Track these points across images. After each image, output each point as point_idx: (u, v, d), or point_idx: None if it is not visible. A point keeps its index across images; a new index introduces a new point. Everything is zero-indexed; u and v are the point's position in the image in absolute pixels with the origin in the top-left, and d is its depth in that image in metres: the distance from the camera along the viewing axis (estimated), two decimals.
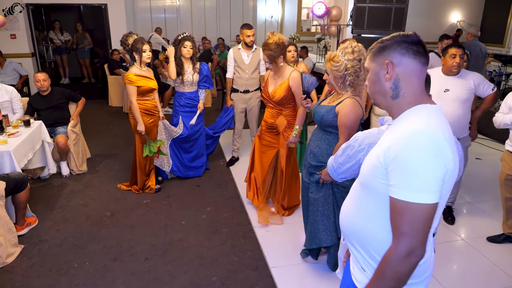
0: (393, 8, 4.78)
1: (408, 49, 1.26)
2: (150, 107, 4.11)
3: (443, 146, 1.16)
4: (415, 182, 1.14)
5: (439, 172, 1.15)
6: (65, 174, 4.64)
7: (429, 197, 1.14)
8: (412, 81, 1.27)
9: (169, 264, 3.09)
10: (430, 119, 1.21)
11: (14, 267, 3.02)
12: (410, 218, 1.15)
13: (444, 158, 1.16)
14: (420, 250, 1.17)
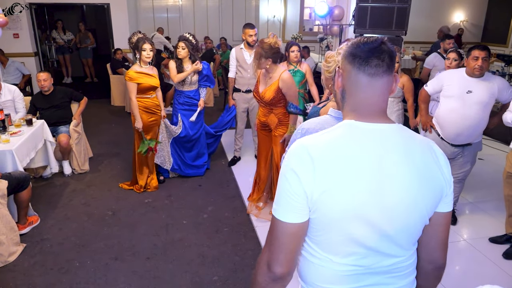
0: (395, 7, 4.76)
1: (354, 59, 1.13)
2: (150, 105, 4.11)
3: (306, 164, 1.07)
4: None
5: (288, 189, 1.09)
6: (67, 173, 4.65)
7: (280, 214, 1.12)
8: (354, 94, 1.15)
9: (170, 263, 3.10)
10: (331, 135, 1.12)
11: (16, 266, 3.03)
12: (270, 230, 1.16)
13: (301, 175, 1.07)
14: (274, 266, 1.13)
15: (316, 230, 1.13)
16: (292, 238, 1.11)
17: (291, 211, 1.09)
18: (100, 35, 11.72)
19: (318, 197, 1.06)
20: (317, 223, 1.11)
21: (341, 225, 1.09)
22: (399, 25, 4.83)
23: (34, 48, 8.37)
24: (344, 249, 1.12)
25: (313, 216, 1.11)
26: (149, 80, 4.02)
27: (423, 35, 10.22)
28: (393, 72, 1.12)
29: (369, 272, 1.14)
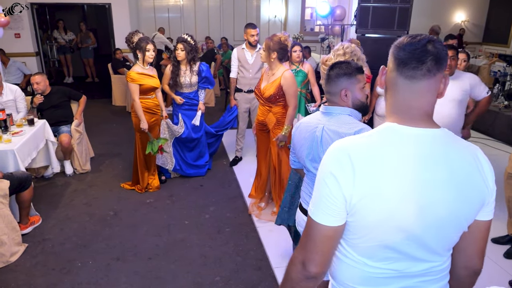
0: (397, 8, 4.76)
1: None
2: (151, 106, 4.11)
3: (346, 168, 1.08)
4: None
5: (327, 192, 1.09)
6: (68, 173, 4.65)
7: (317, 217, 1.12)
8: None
9: (172, 263, 3.09)
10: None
11: (17, 266, 3.03)
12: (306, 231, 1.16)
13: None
14: (309, 266, 1.13)
15: (352, 233, 1.13)
16: (329, 240, 1.12)
17: (329, 214, 1.09)
18: (101, 35, 11.72)
19: (356, 202, 1.06)
20: (353, 226, 1.11)
21: (377, 230, 1.08)
22: (401, 25, 4.82)
23: (35, 48, 8.38)
24: (378, 253, 1.12)
25: (350, 220, 1.10)
26: (151, 81, 4.02)
27: None
28: (438, 74, 1.06)
29: (401, 275, 1.14)
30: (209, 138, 4.80)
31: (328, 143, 1.76)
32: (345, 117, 1.83)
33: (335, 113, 1.85)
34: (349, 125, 1.78)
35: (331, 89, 1.86)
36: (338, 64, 1.86)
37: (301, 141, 1.95)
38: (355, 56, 2.43)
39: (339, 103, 1.86)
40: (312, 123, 1.92)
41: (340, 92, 1.83)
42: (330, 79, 1.86)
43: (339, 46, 2.46)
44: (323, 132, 1.84)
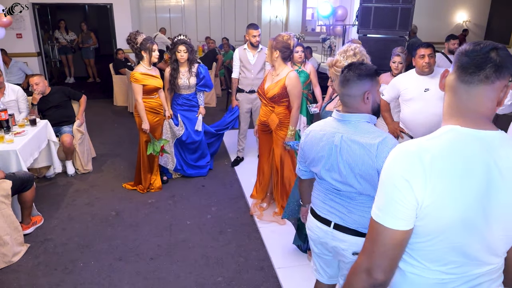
0: (399, 8, 4.75)
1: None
2: (155, 106, 4.11)
3: (418, 171, 1.09)
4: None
5: (398, 196, 1.09)
6: (70, 173, 4.65)
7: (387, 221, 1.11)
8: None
9: (174, 264, 3.09)
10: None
11: (20, 266, 3.03)
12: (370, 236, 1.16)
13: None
14: (376, 273, 1.12)
15: (418, 237, 1.12)
16: (398, 245, 1.11)
17: (400, 218, 1.09)
18: (102, 35, 11.73)
19: (428, 205, 1.06)
20: (421, 230, 1.11)
21: (446, 234, 1.09)
22: (403, 26, 4.82)
23: (37, 48, 8.38)
24: (443, 257, 1.13)
25: (418, 223, 1.10)
26: (154, 81, 4.02)
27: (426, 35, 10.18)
28: (497, 82, 1.07)
29: (459, 278, 1.15)
30: (209, 138, 4.80)
31: (347, 153, 1.71)
32: (364, 124, 1.74)
33: (353, 120, 1.75)
34: (371, 134, 1.70)
35: (351, 91, 1.74)
36: (356, 65, 1.76)
37: (315, 150, 1.85)
38: (364, 57, 2.41)
39: (358, 107, 1.75)
40: (327, 131, 1.81)
41: (363, 95, 1.73)
42: (350, 81, 1.74)
43: (347, 47, 2.44)
44: (341, 141, 1.74)
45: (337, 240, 1.84)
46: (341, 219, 1.82)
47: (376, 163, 1.66)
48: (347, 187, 1.76)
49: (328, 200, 1.87)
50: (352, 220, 1.79)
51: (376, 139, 1.67)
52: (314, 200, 1.97)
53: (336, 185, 1.79)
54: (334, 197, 1.84)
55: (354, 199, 1.78)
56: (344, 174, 1.74)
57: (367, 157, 1.67)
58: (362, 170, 1.70)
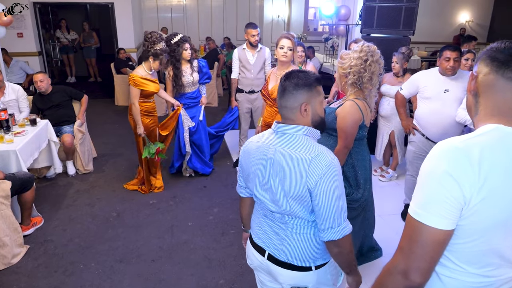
0: (403, 7, 4.70)
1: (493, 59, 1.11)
2: (150, 109, 4.10)
3: (466, 168, 1.04)
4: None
5: (444, 193, 1.05)
6: (71, 174, 4.61)
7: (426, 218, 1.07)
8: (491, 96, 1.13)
9: (175, 266, 3.05)
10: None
11: (19, 268, 3.00)
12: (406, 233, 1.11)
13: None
14: (413, 275, 1.07)
15: (459, 237, 1.08)
16: (439, 245, 1.07)
17: (445, 217, 1.04)
18: (104, 35, 11.70)
19: (475, 204, 1.02)
20: (464, 230, 1.06)
21: (489, 234, 1.05)
22: (407, 25, 4.77)
23: (38, 48, 8.35)
24: (482, 259, 1.08)
25: (462, 223, 1.05)
26: (152, 86, 3.99)
27: (429, 35, 10.15)
28: None
29: (495, 282, 1.11)
30: (210, 139, 4.76)
31: (279, 168, 1.53)
32: (301, 137, 1.55)
33: (289, 132, 1.56)
34: (305, 148, 1.51)
35: (287, 103, 1.56)
36: (294, 73, 1.58)
37: (250, 164, 1.66)
38: (370, 57, 2.35)
39: (296, 119, 1.57)
40: (263, 143, 1.62)
41: (299, 107, 1.54)
42: (286, 91, 1.56)
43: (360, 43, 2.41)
44: (275, 154, 1.56)
45: (273, 273, 1.68)
46: (274, 250, 1.65)
47: (307, 181, 1.46)
48: (278, 207, 1.58)
49: (264, 225, 1.69)
50: (285, 252, 1.61)
51: (310, 154, 1.48)
52: (252, 223, 1.79)
53: (269, 205, 1.61)
54: (269, 221, 1.67)
55: (286, 224, 1.60)
56: (275, 191, 1.56)
57: (298, 173, 1.48)
58: (292, 188, 1.51)
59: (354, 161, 2.52)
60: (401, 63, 4.19)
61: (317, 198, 1.46)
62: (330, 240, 1.50)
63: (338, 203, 1.48)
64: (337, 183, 1.48)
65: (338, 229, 1.49)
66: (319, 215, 1.49)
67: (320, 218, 1.50)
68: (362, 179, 2.54)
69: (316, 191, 1.46)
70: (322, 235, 1.51)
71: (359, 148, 2.54)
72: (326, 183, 1.45)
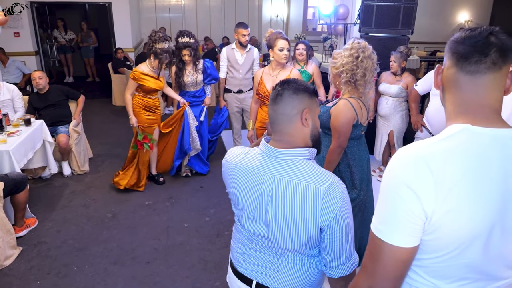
0: (402, 6, 4.66)
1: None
2: (151, 105, 4.10)
3: (425, 178, 0.93)
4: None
5: (403, 208, 0.95)
6: (66, 174, 4.57)
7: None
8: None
9: (171, 268, 3.01)
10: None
11: (12, 270, 2.95)
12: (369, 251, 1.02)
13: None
14: None
15: (426, 252, 0.98)
16: (403, 264, 0.97)
17: (405, 234, 0.94)
18: (102, 35, 11.65)
19: (439, 218, 0.91)
20: (430, 245, 0.96)
21: (459, 249, 0.94)
22: (406, 24, 4.73)
23: (35, 47, 8.30)
24: (455, 274, 0.98)
25: (427, 238, 0.95)
26: (153, 83, 3.99)
27: (427, 35, 10.11)
28: (504, 68, 0.96)
29: None
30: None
31: (283, 204, 1.29)
32: (304, 163, 1.31)
33: (288, 158, 1.32)
34: (313, 177, 1.27)
35: (285, 108, 1.32)
36: (292, 80, 1.39)
37: (235, 192, 1.43)
38: (361, 53, 2.30)
39: (293, 133, 1.34)
40: (254, 168, 1.36)
41: (300, 114, 1.32)
42: (284, 96, 1.33)
43: (350, 41, 2.36)
44: (273, 186, 1.31)
45: None
46: (265, 278, 1.42)
47: (321, 219, 1.25)
48: (274, 244, 1.37)
49: (251, 254, 1.46)
50: (279, 281, 1.40)
51: (321, 185, 1.25)
52: (234, 251, 1.54)
53: (262, 241, 1.40)
54: (258, 250, 1.43)
55: (283, 256, 1.38)
56: (273, 227, 1.32)
57: (307, 211, 1.25)
58: (300, 228, 1.28)
59: (349, 161, 2.48)
60: (399, 62, 4.15)
61: (331, 236, 1.27)
62: (340, 276, 1.34)
63: (351, 237, 1.31)
64: (350, 216, 1.30)
65: (349, 263, 1.33)
66: (331, 253, 1.30)
67: (332, 256, 1.31)
68: (358, 179, 2.49)
69: (330, 230, 1.26)
70: (331, 272, 1.33)
71: (355, 148, 2.50)
72: (342, 220, 1.26)
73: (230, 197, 1.50)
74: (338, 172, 2.50)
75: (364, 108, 2.42)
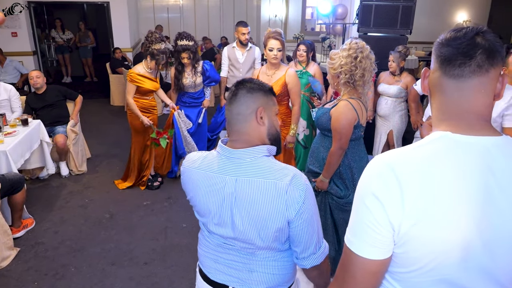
0: (400, 6, 4.65)
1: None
2: (147, 106, 4.08)
3: (392, 188, 0.89)
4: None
5: (369, 218, 0.91)
6: (64, 175, 4.55)
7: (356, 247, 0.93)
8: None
9: (168, 268, 2.99)
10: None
11: (9, 271, 2.93)
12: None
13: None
14: None
15: (400, 265, 0.93)
16: (373, 276, 0.93)
17: (373, 245, 0.90)
18: (100, 35, 11.62)
19: (407, 230, 0.87)
20: (402, 258, 0.92)
21: (433, 263, 0.88)
22: (404, 24, 4.71)
23: (32, 47, 8.27)
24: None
25: (398, 251, 0.91)
26: (150, 84, 3.98)
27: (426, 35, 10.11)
28: (492, 71, 0.89)
29: None
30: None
31: (250, 205, 1.27)
32: (263, 160, 1.30)
33: (248, 157, 1.30)
34: (274, 173, 1.27)
35: (240, 108, 1.32)
36: (247, 80, 1.38)
37: (198, 199, 1.38)
38: (360, 54, 2.28)
39: (250, 132, 1.32)
40: (214, 172, 1.34)
41: (255, 113, 1.31)
42: (238, 95, 1.33)
43: (348, 41, 2.35)
44: (236, 187, 1.29)
45: None
46: (240, 282, 1.39)
47: (287, 213, 1.24)
48: (245, 244, 1.34)
49: (222, 258, 1.41)
50: (255, 281, 1.38)
51: (284, 178, 1.24)
52: (203, 258, 1.48)
53: (231, 242, 1.37)
54: (228, 254, 1.40)
55: (255, 255, 1.36)
56: (241, 230, 1.30)
57: (274, 207, 1.24)
58: (269, 225, 1.27)
59: (351, 162, 2.46)
60: (397, 61, 4.14)
61: (299, 228, 1.27)
62: (312, 266, 1.34)
63: (318, 226, 1.32)
64: (315, 205, 1.30)
65: (319, 252, 1.33)
66: (300, 244, 1.30)
67: (301, 247, 1.31)
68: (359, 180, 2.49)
69: (297, 222, 1.26)
70: (303, 263, 1.33)
71: (355, 149, 2.48)
72: (307, 210, 1.25)
73: (192, 204, 1.45)
74: (339, 173, 2.48)
75: (364, 108, 2.41)
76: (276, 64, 3.35)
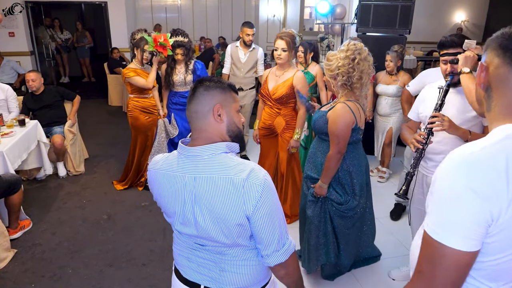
0: (399, 5, 4.64)
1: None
2: (147, 106, 4.06)
3: (493, 181, 0.90)
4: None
5: (468, 212, 0.92)
6: (61, 175, 4.52)
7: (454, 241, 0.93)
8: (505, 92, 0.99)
9: (167, 270, 2.97)
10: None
11: (5, 273, 2.91)
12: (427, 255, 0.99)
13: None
14: None
15: (486, 255, 0.95)
16: (464, 269, 0.94)
17: (470, 238, 0.91)
18: (98, 35, 11.60)
19: (506, 219, 0.89)
20: (491, 247, 0.94)
21: None
22: (403, 24, 4.71)
23: (30, 47, 8.23)
24: (507, 275, 0.97)
25: (490, 240, 0.93)
26: (142, 77, 3.95)
27: (425, 35, 10.12)
28: None
29: None
30: None
31: (208, 202, 1.27)
32: (222, 156, 1.29)
33: (205, 155, 1.29)
34: (232, 168, 1.26)
35: (197, 106, 1.32)
36: (206, 78, 1.38)
37: (164, 201, 1.38)
38: (358, 55, 2.25)
39: (209, 129, 1.32)
40: (173, 173, 1.34)
41: (211, 111, 1.31)
42: (196, 93, 1.33)
43: (345, 42, 2.32)
44: (194, 185, 1.29)
45: None
46: (212, 281, 1.40)
47: (245, 208, 1.24)
48: (212, 242, 1.34)
49: (194, 257, 1.42)
50: (226, 281, 1.38)
51: (239, 175, 1.24)
52: (177, 256, 1.49)
53: (198, 241, 1.38)
54: (200, 253, 1.40)
55: (225, 254, 1.36)
56: (204, 227, 1.30)
57: (231, 203, 1.24)
58: (228, 221, 1.26)
59: (349, 167, 2.42)
60: (395, 61, 4.14)
61: (258, 223, 1.26)
62: (277, 264, 1.34)
63: (279, 223, 1.30)
64: (275, 201, 1.29)
65: (283, 250, 1.32)
66: (262, 241, 1.30)
67: (263, 244, 1.30)
68: (358, 185, 2.45)
69: (255, 217, 1.25)
70: (267, 261, 1.33)
71: (354, 152, 2.45)
72: (265, 205, 1.24)
73: (159, 205, 1.45)
74: (338, 178, 2.45)
75: (362, 111, 2.38)
76: (283, 64, 3.27)
